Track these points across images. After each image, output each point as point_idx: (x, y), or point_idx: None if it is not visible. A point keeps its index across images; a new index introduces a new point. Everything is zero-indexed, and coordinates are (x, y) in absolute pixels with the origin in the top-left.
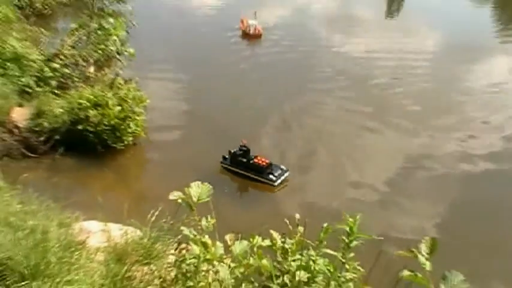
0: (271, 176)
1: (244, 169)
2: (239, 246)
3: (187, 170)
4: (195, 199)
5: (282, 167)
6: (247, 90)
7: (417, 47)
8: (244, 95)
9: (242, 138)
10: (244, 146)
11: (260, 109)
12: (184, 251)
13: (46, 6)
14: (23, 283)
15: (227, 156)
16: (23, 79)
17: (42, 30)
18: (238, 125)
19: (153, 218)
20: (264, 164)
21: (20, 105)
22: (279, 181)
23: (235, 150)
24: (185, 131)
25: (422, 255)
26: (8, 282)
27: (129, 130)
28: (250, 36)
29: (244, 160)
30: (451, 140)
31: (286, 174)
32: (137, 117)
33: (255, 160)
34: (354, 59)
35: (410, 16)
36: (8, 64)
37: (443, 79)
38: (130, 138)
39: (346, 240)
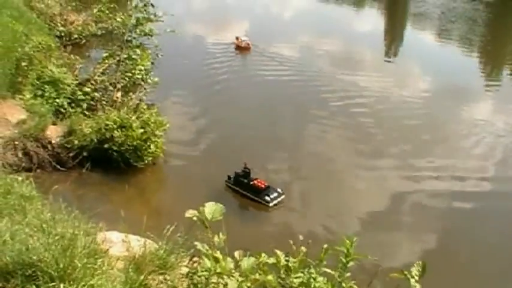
0: (266, 198)
1: (245, 189)
2: (247, 262)
3: (200, 189)
4: (208, 217)
5: (279, 190)
6: (257, 117)
7: (411, 87)
8: (254, 122)
9: (251, 161)
10: (247, 168)
11: (265, 133)
12: (196, 264)
13: (81, 37)
14: (51, 284)
15: (231, 176)
16: (58, 100)
17: (77, 57)
18: (249, 149)
19: (169, 232)
20: (262, 186)
21: (54, 124)
22: (274, 202)
23: (238, 171)
24: (199, 153)
25: (413, 277)
26: (38, 283)
27: (150, 151)
28: (242, 49)
29: (245, 181)
30: (438, 176)
31: (281, 197)
32: (157, 140)
33: (255, 182)
34: (351, 97)
35: (407, 59)
36: (46, 87)
37: (434, 119)
38: (150, 158)
39: (344, 261)
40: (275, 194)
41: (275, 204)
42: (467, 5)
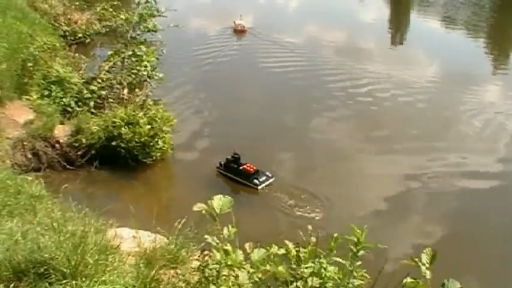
0: (255, 181)
1: (235, 174)
2: (257, 254)
3: (209, 183)
4: (217, 210)
5: (268, 173)
6: (261, 105)
7: (417, 74)
8: (259, 109)
9: (257, 155)
10: (236, 154)
11: (271, 121)
12: (207, 257)
13: (86, 36)
14: (64, 281)
15: (222, 163)
16: (64, 100)
17: (82, 56)
18: (256, 143)
19: (179, 227)
20: (252, 170)
21: (62, 123)
22: (262, 185)
23: (229, 157)
24: (207, 147)
25: (423, 264)
26: (51, 280)
27: (158, 147)
28: (238, 31)
29: (235, 166)
30: (448, 160)
31: (270, 180)
32: (165, 135)
33: (244, 166)
34: (359, 85)
35: (413, 46)
36: (53, 86)
37: (441, 104)
38: (159, 154)
39: (354, 250)
40: (264, 178)
41: (264, 187)
42: None
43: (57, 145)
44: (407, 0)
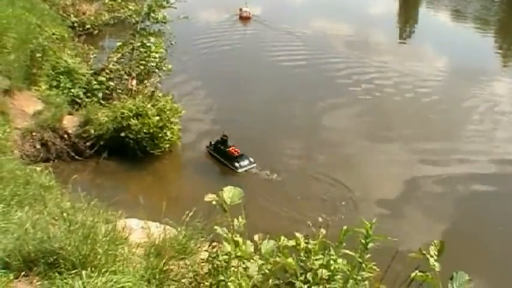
0: (236, 164)
1: (220, 155)
2: (267, 246)
3: (217, 174)
4: (227, 201)
5: (251, 159)
6: (267, 98)
7: (426, 69)
8: (272, 108)
9: (266, 146)
10: (225, 136)
11: (284, 120)
12: (216, 249)
13: (94, 26)
14: (73, 271)
15: (212, 143)
16: (73, 90)
17: (91, 47)
18: (265, 135)
19: (188, 218)
20: (235, 153)
21: (70, 114)
22: (242, 169)
23: (218, 139)
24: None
25: (432, 257)
26: (61, 270)
27: (166, 138)
28: (243, 18)
29: (222, 148)
30: (457, 158)
31: (251, 166)
32: (173, 127)
33: (230, 149)
34: (366, 80)
35: (421, 40)
36: (61, 77)
37: (450, 99)
38: (167, 145)
39: (363, 242)
40: (246, 162)
41: (244, 171)
42: None
43: (65, 136)
44: None
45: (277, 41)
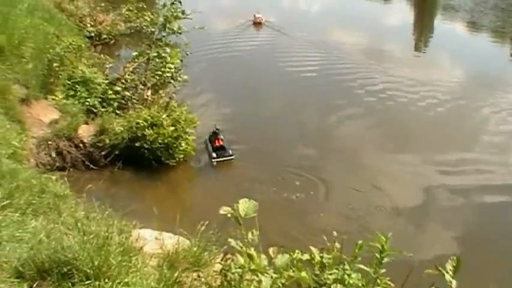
0: (213, 154)
1: (210, 146)
2: (281, 259)
3: (231, 185)
4: (242, 214)
5: (230, 151)
6: (287, 113)
7: (442, 78)
8: (285, 117)
9: (279, 156)
10: (217, 129)
11: (297, 128)
12: (229, 261)
13: (111, 36)
14: (87, 282)
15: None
16: (89, 100)
17: (107, 57)
18: (278, 144)
19: (202, 229)
20: (217, 145)
21: (86, 123)
22: (217, 159)
23: (215, 130)
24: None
25: (448, 273)
26: (74, 281)
27: (181, 148)
28: (256, 24)
29: (212, 139)
30: (471, 170)
31: (228, 158)
32: (188, 137)
33: (215, 140)
34: (382, 89)
35: (437, 51)
36: (78, 87)
37: (466, 109)
38: (182, 156)
39: (378, 257)
40: (224, 153)
41: (219, 161)
42: None
43: (81, 145)
44: (431, 5)
45: (290, 49)
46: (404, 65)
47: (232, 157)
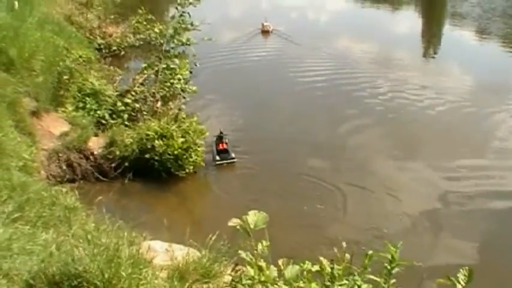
0: (217, 157)
1: (214, 148)
2: (291, 270)
3: (240, 195)
4: (252, 226)
5: (232, 155)
6: (297, 123)
7: (452, 86)
8: (295, 128)
9: (289, 167)
10: (221, 133)
11: (306, 138)
12: (239, 272)
13: (120, 48)
14: None
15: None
16: (99, 112)
17: (117, 69)
18: (287, 156)
19: (212, 241)
20: (220, 148)
21: (96, 135)
22: (220, 162)
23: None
24: (239, 160)
25: (459, 283)
26: None
27: (191, 160)
28: (264, 32)
29: (217, 142)
30: (482, 176)
31: (230, 161)
32: (198, 148)
33: (219, 144)
34: (392, 97)
35: (446, 58)
36: (87, 99)
37: (477, 117)
38: (191, 167)
39: (388, 267)
40: (227, 156)
41: (222, 164)
42: (507, 3)
43: (91, 157)
44: (439, 13)
45: (299, 58)
46: (414, 72)
47: (234, 160)
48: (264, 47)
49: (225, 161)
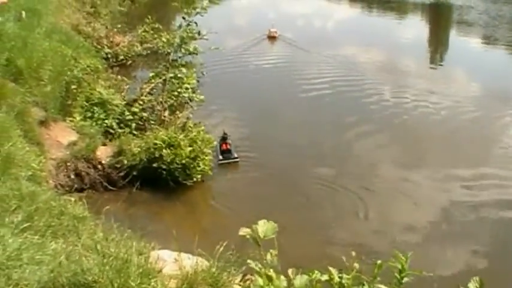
0: (220, 157)
1: (218, 148)
2: (300, 280)
3: (248, 204)
4: (261, 236)
5: (235, 155)
6: (303, 130)
7: (457, 94)
8: (300, 135)
9: (295, 175)
10: (225, 134)
11: (312, 146)
12: (248, 282)
13: (127, 58)
14: None
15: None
16: (107, 121)
17: (124, 78)
18: (294, 163)
19: (221, 250)
20: (224, 148)
21: (104, 144)
22: (223, 161)
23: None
24: (246, 170)
25: None
26: None
27: (198, 168)
28: (271, 37)
29: (220, 143)
30: (487, 185)
31: (233, 160)
32: (205, 157)
33: (222, 144)
34: (398, 104)
35: (453, 66)
36: (95, 108)
37: (484, 124)
38: (199, 176)
39: (398, 277)
40: (230, 156)
41: (226, 163)
42: None
43: (99, 166)
44: (446, 20)
45: (305, 64)
46: (421, 79)
47: (237, 159)
48: (271, 54)
49: (227, 161)
